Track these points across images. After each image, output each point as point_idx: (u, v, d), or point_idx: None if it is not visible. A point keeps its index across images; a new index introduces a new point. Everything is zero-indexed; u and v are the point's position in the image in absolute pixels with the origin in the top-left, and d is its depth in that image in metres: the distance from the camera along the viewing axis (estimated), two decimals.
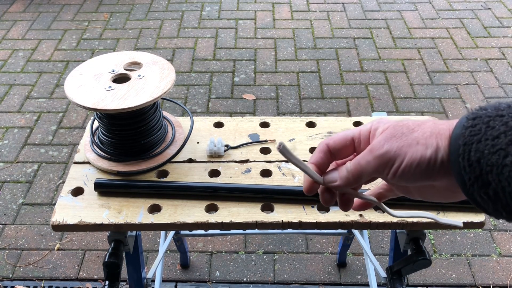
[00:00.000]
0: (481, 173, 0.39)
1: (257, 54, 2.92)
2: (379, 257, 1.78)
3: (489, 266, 1.75)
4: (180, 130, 1.04)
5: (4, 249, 1.83)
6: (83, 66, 0.96)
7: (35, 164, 2.18)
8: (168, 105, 2.52)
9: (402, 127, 0.45)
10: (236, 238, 1.86)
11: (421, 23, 3.22)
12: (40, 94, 2.62)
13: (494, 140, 0.38)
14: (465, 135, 0.40)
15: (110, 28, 3.20)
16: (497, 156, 0.38)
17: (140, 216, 0.85)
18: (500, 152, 0.38)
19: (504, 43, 3.00)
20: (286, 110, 2.48)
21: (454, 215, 0.84)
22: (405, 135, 0.44)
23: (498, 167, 0.37)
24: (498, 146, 0.38)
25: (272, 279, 1.72)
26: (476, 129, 0.39)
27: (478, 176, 0.39)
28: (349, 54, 2.91)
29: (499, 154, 0.38)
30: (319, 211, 0.86)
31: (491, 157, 0.38)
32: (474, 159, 0.39)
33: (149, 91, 0.88)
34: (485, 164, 0.38)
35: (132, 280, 1.12)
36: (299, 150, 0.99)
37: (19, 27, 3.23)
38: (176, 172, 0.94)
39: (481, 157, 0.39)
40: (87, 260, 1.79)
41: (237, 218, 0.84)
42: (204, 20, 3.29)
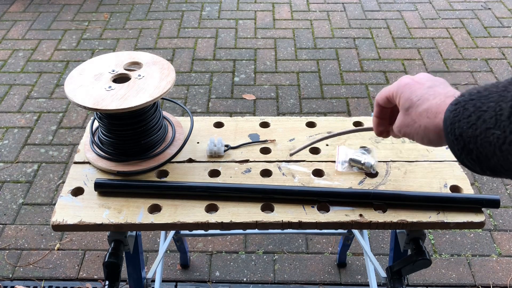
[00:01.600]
0: (464, 144, 0.52)
1: (257, 54, 2.92)
2: (379, 257, 1.78)
3: (489, 266, 1.75)
4: (180, 130, 1.03)
5: (4, 249, 1.83)
6: (83, 66, 0.96)
7: (35, 164, 2.18)
8: (168, 105, 2.52)
9: (415, 102, 0.63)
10: (236, 238, 1.86)
11: (421, 23, 3.22)
12: (40, 94, 2.62)
13: (468, 118, 0.51)
14: (450, 117, 0.54)
15: (110, 28, 3.20)
16: (471, 129, 0.51)
17: (140, 216, 0.85)
18: (472, 126, 0.51)
19: (504, 43, 3.00)
20: (286, 110, 2.48)
21: (454, 215, 0.84)
22: (414, 120, 0.63)
23: (473, 138, 0.51)
24: (471, 122, 0.51)
25: (272, 279, 1.72)
26: (457, 112, 0.53)
27: (463, 146, 0.52)
28: (349, 54, 2.91)
29: (472, 128, 0.51)
30: (319, 211, 0.86)
31: (468, 131, 0.51)
32: (458, 134, 0.53)
33: (149, 91, 0.88)
34: (466, 136, 0.52)
35: (132, 280, 1.12)
36: None
37: (19, 27, 3.23)
38: (176, 172, 0.94)
39: (462, 132, 0.52)
40: (87, 260, 1.79)
41: (237, 218, 0.84)
42: (204, 20, 3.29)
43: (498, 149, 0.48)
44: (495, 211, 1.94)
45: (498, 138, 0.48)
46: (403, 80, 0.67)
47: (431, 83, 0.64)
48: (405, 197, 0.86)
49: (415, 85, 0.64)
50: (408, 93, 0.64)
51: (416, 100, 0.62)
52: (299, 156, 0.98)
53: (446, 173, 0.93)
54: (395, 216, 0.84)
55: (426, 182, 0.91)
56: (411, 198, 0.86)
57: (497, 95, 0.49)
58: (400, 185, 0.91)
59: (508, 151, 0.47)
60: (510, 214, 1.94)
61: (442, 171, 0.94)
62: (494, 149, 0.49)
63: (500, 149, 0.48)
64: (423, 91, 0.63)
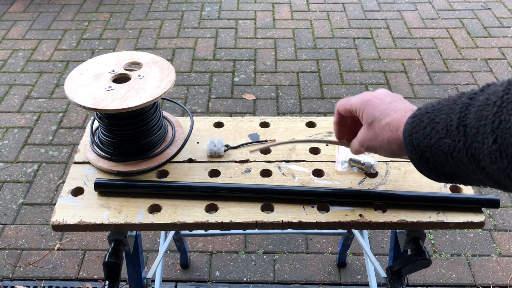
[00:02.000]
0: (421, 153, 0.57)
1: (257, 54, 2.92)
2: (379, 257, 1.78)
3: (489, 266, 1.75)
4: (180, 130, 1.04)
5: (4, 249, 1.83)
6: (83, 66, 0.96)
7: (35, 164, 2.18)
8: (168, 105, 2.52)
9: (378, 117, 0.67)
10: (236, 238, 1.86)
11: (421, 23, 3.22)
12: (40, 94, 2.62)
13: (423, 130, 0.56)
14: (408, 129, 0.59)
15: (110, 28, 3.20)
16: (427, 140, 0.56)
17: (140, 216, 0.85)
18: (428, 137, 0.56)
19: (504, 43, 3.00)
20: (286, 110, 2.48)
21: (454, 215, 0.84)
22: (377, 134, 0.67)
23: (429, 147, 0.56)
24: (426, 133, 0.56)
25: (272, 279, 1.72)
26: (414, 124, 0.58)
27: (420, 155, 0.58)
28: (349, 54, 2.91)
29: (427, 138, 0.56)
30: (319, 211, 0.86)
31: (424, 141, 0.56)
32: (415, 144, 0.58)
33: (149, 91, 0.88)
34: (422, 146, 0.57)
35: (132, 280, 1.12)
36: (299, 150, 0.99)
37: (19, 27, 3.23)
38: (176, 172, 0.94)
39: (419, 142, 0.57)
40: (87, 260, 1.79)
41: (237, 218, 0.84)
42: (204, 20, 3.29)
43: (450, 156, 0.53)
44: (495, 211, 1.94)
45: (449, 146, 0.52)
46: (365, 96, 0.71)
47: (390, 99, 0.69)
48: (405, 197, 0.86)
49: (377, 101, 0.69)
50: (371, 109, 0.68)
51: (379, 115, 0.67)
52: (299, 156, 0.98)
53: None
54: (395, 216, 0.84)
55: (426, 182, 0.91)
56: (411, 198, 0.86)
57: (448, 108, 0.54)
58: (400, 185, 0.91)
59: (457, 158, 0.52)
60: (510, 214, 1.94)
61: None
62: (446, 156, 0.53)
63: (452, 156, 0.53)
64: (384, 106, 0.67)
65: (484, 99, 0.49)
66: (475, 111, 0.50)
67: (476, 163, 0.50)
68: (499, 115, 0.46)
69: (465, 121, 0.51)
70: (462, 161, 0.52)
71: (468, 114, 0.51)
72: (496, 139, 0.46)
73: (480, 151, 0.48)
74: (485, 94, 0.50)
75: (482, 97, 0.50)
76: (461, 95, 0.54)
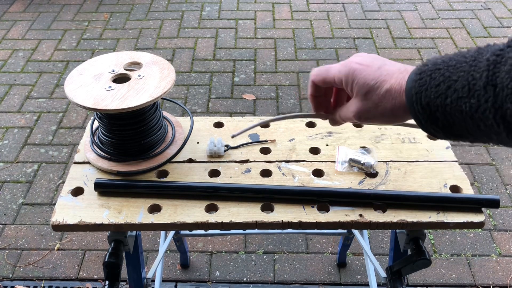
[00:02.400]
0: (431, 112, 0.53)
1: (257, 54, 2.92)
2: (379, 257, 1.78)
3: (489, 266, 1.75)
4: (180, 130, 1.04)
5: (4, 249, 1.83)
6: (83, 66, 0.96)
7: (35, 164, 2.18)
8: (168, 105, 2.52)
9: (373, 85, 0.61)
10: (236, 238, 1.86)
11: (421, 23, 3.22)
12: (40, 94, 2.62)
13: (436, 88, 0.52)
14: (415, 87, 0.54)
15: (110, 28, 3.20)
16: (440, 99, 0.51)
17: (140, 216, 0.85)
18: (441, 96, 0.51)
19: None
20: (286, 110, 2.48)
21: (454, 215, 0.84)
22: (377, 104, 0.61)
23: (442, 107, 0.51)
24: (440, 92, 0.51)
25: (272, 279, 1.72)
26: (423, 81, 0.53)
27: (429, 115, 0.53)
28: (349, 54, 2.91)
29: (441, 97, 0.51)
30: (319, 211, 0.86)
31: (436, 100, 0.52)
32: (424, 103, 0.53)
33: (149, 91, 0.88)
34: (433, 105, 0.52)
35: (132, 280, 1.12)
36: (299, 150, 0.99)
37: (19, 27, 3.23)
38: (176, 172, 0.94)
39: (430, 101, 0.53)
40: (87, 260, 1.79)
41: (237, 218, 0.84)
42: (204, 20, 3.29)
43: (469, 117, 0.49)
44: (495, 211, 1.94)
45: (471, 107, 0.48)
46: (348, 65, 0.65)
47: (379, 63, 0.63)
48: (405, 197, 0.86)
49: (365, 69, 0.63)
50: (362, 78, 0.62)
51: (374, 84, 0.61)
52: (299, 156, 0.98)
53: (446, 173, 0.93)
54: (395, 216, 0.84)
55: (426, 182, 0.91)
56: (411, 198, 0.86)
57: (467, 65, 0.49)
58: (400, 185, 0.91)
59: (480, 118, 0.48)
60: (510, 214, 1.94)
61: (442, 171, 0.94)
62: (465, 117, 0.50)
63: (472, 117, 0.49)
64: (376, 73, 0.62)
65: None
66: (508, 70, 0.45)
67: (505, 124, 0.46)
68: None
69: (495, 81, 0.46)
70: (486, 122, 0.48)
71: (497, 72, 0.46)
72: None
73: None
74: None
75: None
76: (480, 51, 0.50)
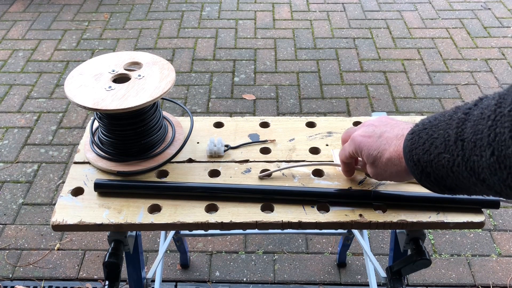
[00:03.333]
0: (422, 168, 0.59)
1: (257, 54, 2.92)
2: (379, 257, 1.78)
3: (489, 266, 1.75)
4: (180, 130, 1.04)
5: (4, 249, 1.83)
6: (83, 66, 0.96)
7: (35, 164, 2.18)
8: (168, 105, 2.52)
9: (376, 155, 0.71)
10: (236, 238, 1.86)
11: (421, 23, 3.22)
12: (40, 94, 2.62)
13: (423, 145, 0.59)
14: (408, 146, 0.62)
15: (110, 28, 3.20)
16: (426, 155, 0.58)
17: (140, 216, 0.85)
18: (427, 152, 0.58)
19: (504, 43, 3.00)
20: (286, 110, 2.48)
21: (454, 215, 0.84)
22: (384, 169, 0.71)
23: (429, 162, 0.58)
24: (425, 149, 0.58)
25: (272, 279, 1.72)
26: (413, 140, 0.61)
27: (422, 170, 0.59)
28: (349, 54, 2.91)
29: (427, 153, 0.58)
30: (319, 211, 0.86)
31: (423, 156, 0.58)
32: (416, 160, 0.60)
33: (149, 91, 0.88)
34: (422, 161, 0.59)
35: (132, 280, 1.12)
36: (299, 150, 0.99)
37: (19, 27, 3.23)
38: (176, 172, 0.94)
39: (419, 158, 0.59)
40: (87, 260, 1.79)
41: (237, 218, 0.84)
42: (204, 20, 3.29)
43: (450, 171, 0.55)
44: (495, 211, 1.94)
45: (448, 161, 0.54)
46: (355, 140, 0.75)
47: (379, 132, 0.72)
48: (405, 197, 0.86)
49: (367, 140, 0.72)
50: (366, 150, 0.72)
51: (376, 154, 0.70)
52: (299, 156, 0.98)
53: None
54: (395, 216, 0.84)
55: None
56: (411, 198, 0.86)
57: (444, 123, 0.56)
58: (400, 185, 0.91)
59: (457, 171, 0.53)
60: (510, 214, 1.94)
61: None
62: (447, 170, 0.55)
63: (451, 170, 0.54)
64: (376, 143, 0.71)
65: (479, 114, 0.51)
66: (471, 125, 0.51)
67: (476, 176, 0.51)
68: (494, 128, 0.48)
69: (462, 136, 0.52)
70: (462, 174, 0.53)
71: (464, 128, 0.52)
72: (494, 152, 0.47)
73: (479, 164, 0.50)
74: (479, 109, 0.51)
75: (477, 111, 0.52)
76: (456, 110, 0.56)
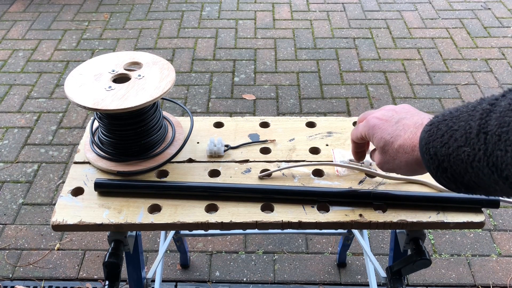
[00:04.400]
0: (439, 162, 0.54)
1: (257, 54, 2.92)
2: (379, 257, 1.78)
3: (489, 266, 1.75)
4: (180, 130, 1.04)
5: (4, 249, 1.83)
6: (83, 66, 0.96)
7: (35, 164, 2.18)
8: (168, 105, 2.52)
9: (388, 140, 0.66)
10: (236, 238, 1.86)
11: (421, 23, 3.22)
12: (40, 94, 2.62)
13: (441, 138, 0.54)
14: (425, 137, 0.57)
15: (110, 28, 3.20)
16: (444, 148, 0.53)
17: (140, 216, 0.85)
18: (445, 145, 0.53)
19: (504, 43, 3.00)
20: (286, 110, 2.48)
21: (454, 215, 0.84)
22: (393, 157, 0.66)
23: (446, 156, 0.53)
24: (444, 141, 0.53)
25: (272, 279, 1.72)
26: (431, 132, 0.56)
27: (438, 165, 0.55)
28: (349, 54, 2.91)
29: (445, 146, 0.53)
30: (319, 211, 0.86)
31: (441, 149, 0.54)
32: (432, 153, 0.55)
33: (149, 91, 0.88)
34: (440, 155, 0.54)
35: (132, 280, 1.12)
36: (299, 150, 0.99)
37: (19, 27, 3.23)
38: (176, 172, 0.94)
39: (436, 151, 0.54)
40: (87, 260, 1.79)
41: (237, 218, 0.84)
42: (204, 20, 3.29)
43: (469, 166, 0.50)
44: (495, 211, 1.94)
45: (468, 156, 0.50)
46: (370, 121, 0.70)
47: (397, 117, 0.66)
48: (405, 197, 0.86)
49: (384, 123, 0.67)
50: (379, 133, 0.67)
51: (389, 138, 0.65)
52: (299, 156, 0.98)
53: None
54: (395, 216, 0.84)
55: (426, 182, 0.91)
56: (411, 198, 0.86)
57: (467, 114, 0.52)
58: (400, 185, 0.91)
59: (478, 167, 0.49)
60: (510, 214, 1.94)
61: None
62: (466, 166, 0.51)
63: (471, 165, 0.50)
64: (392, 127, 0.66)
65: (506, 104, 0.47)
66: (497, 117, 0.47)
67: (498, 173, 0.47)
68: None
69: (486, 128, 0.48)
70: (483, 170, 0.49)
71: (489, 120, 0.48)
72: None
73: (502, 159, 0.46)
74: (507, 99, 0.47)
75: (504, 102, 0.47)
76: (481, 101, 0.51)
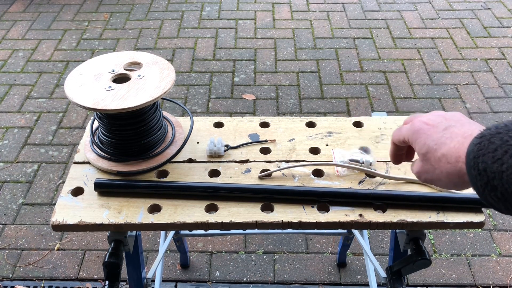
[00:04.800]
0: (488, 179, 0.48)
1: (257, 54, 2.92)
2: (379, 257, 1.78)
3: (489, 266, 1.75)
4: (180, 130, 1.04)
5: (4, 249, 1.83)
6: (83, 66, 0.96)
7: (35, 164, 2.18)
8: (168, 105, 2.52)
9: (432, 147, 0.59)
10: (236, 238, 1.86)
11: (421, 23, 3.22)
12: (40, 94, 2.62)
13: (494, 153, 0.48)
14: (474, 151, 0.50)
15: (110, 28, 3.20)
16: (497, 164, 0.47)
17: (140, 216, 0.85)
18: (498, 161, 0.47)
19: (504, 43, 3.00)
20: (286, 110, 2.48)
21: (454, 215, 0.84)
22: (434, 166, 0.59)
23: (498, 173, 0.47)
24: (496, 157, 0.48)
25: (272, 279, 1.72)
26: (482, 145, 0.50)
27: (487, 182, 0.49)
28: (349, 54, 2.91)
29: (498, 163, 0.47)
30: (319, 211, 0.86)
31: (493, 166, 0.48)
32: (481, 169, 0.49)
33: (149, 91, 0.88)
34: (490, 171, 0.48)
35: (132, 280, 1.12)
36: (299, 150, 0.99)
37: (19, 27, 3.23)
38: (176, 172, 0.94)
39: (486, 167, 0.48)
40: (87, 260, 1.79)
41: (237, 218, 0.84)
42: (204, 20, 3.29)
43: None
44: (495, 211, 1.95)
45: None
46: (416, 125, 0.64)
47: (446, 124, 0.60)
48: (405, 197, 0.86)
49: (430, 129, 0.61)
50: (423, 139, 0.61)
51: (433, 145, 0.59)
52: (299, 156, 0.98)
53: None
54: (395, 216, 0.84)
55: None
56: (411, 198, 0.86)
57: None
58: (400, 185, 0.91)
59: None
60: None
61: None
62: None
63: None
64: (439, 134, 0.60)
65: None
66: None
67: None
68: None
69: None
70: None
71: None
72: None
73: None
74: None
75: None
76: None
